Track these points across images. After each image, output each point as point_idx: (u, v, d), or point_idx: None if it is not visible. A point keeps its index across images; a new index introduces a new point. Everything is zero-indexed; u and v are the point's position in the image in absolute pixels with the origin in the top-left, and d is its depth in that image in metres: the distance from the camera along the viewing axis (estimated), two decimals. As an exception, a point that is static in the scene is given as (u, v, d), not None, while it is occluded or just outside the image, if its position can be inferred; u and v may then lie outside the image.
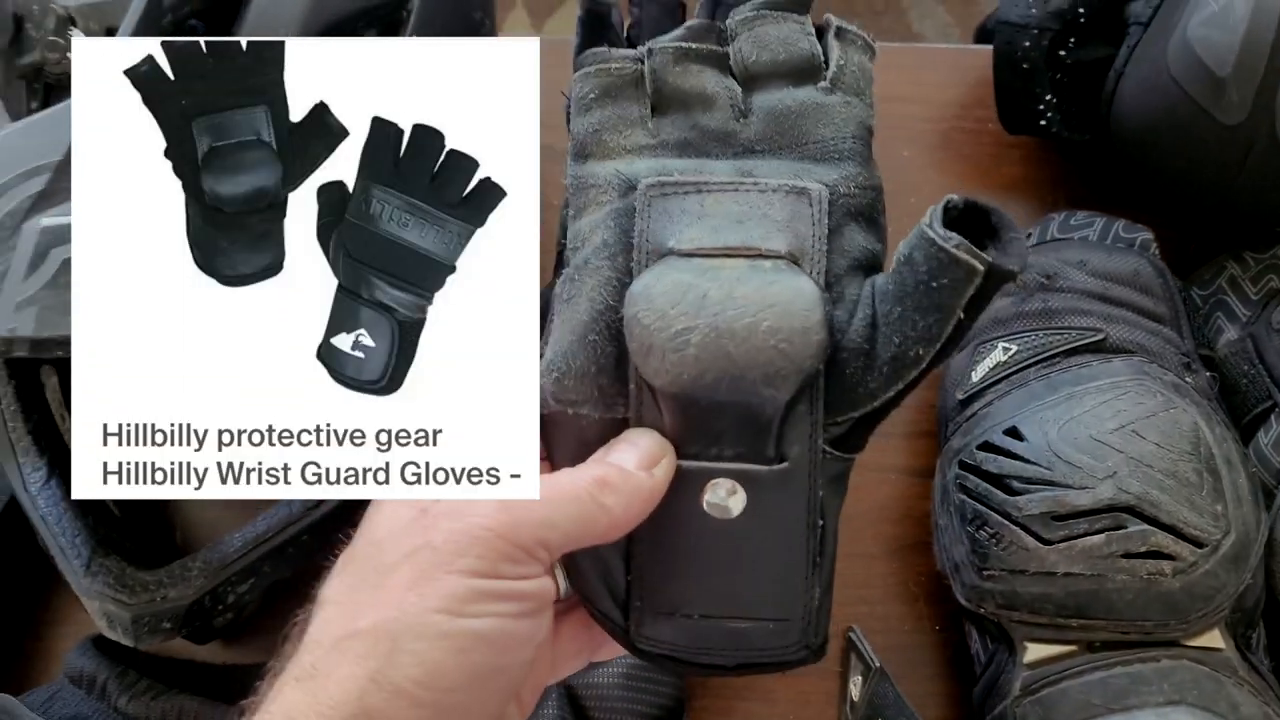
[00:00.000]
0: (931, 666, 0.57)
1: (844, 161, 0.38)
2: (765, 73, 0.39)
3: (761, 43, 0.39)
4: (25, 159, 0.36)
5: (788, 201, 0.37)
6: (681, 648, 0.39)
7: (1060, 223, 0.59)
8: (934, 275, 0.34)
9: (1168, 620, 0.47)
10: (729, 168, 0.38)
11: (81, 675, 0.50)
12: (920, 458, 0.60)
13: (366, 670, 0.30)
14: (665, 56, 0.39)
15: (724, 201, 0.37)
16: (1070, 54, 0.59)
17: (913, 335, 0.35)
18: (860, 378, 0.36)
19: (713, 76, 0.39)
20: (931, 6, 1.64)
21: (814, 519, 0.37)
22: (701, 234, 0.36)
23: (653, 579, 0.38)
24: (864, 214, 0.39)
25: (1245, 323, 0.57)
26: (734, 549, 0.37)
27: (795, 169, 0.38)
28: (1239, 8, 0.51)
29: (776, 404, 0.36)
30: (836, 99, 0.39)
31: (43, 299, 0.34)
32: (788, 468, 0.37)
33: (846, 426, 0.38)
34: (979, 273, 0.34)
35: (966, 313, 0.35)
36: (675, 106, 0.39)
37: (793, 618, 0.38)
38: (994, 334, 0.56)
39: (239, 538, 0.50)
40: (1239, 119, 0.52)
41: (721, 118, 0.39)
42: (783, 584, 0.38)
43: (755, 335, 0.35)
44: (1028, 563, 0.48)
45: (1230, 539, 0.47)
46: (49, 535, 0.50)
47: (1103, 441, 0.48)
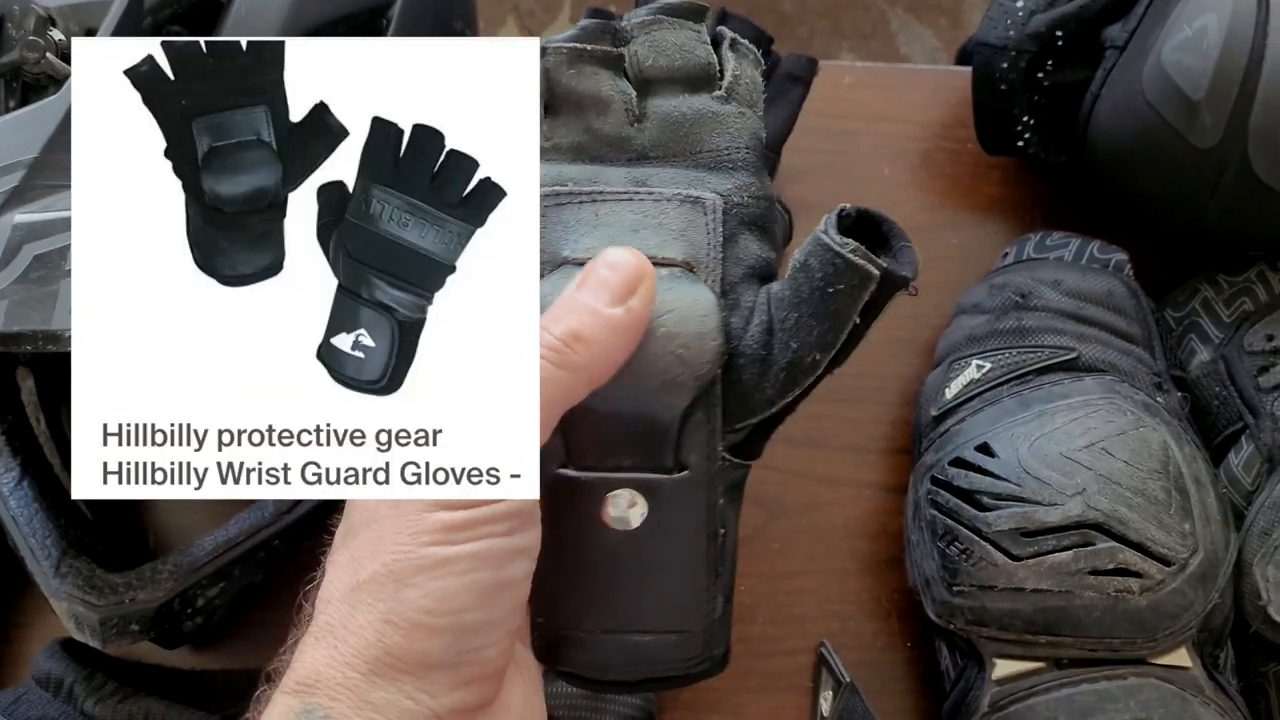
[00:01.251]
0: (903, 682, 0.57)
1: (738, 171, 0.39)
2: (661, 78, 0.39)
3: (659, 48, 0.39)
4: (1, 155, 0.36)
5: (682, 210, 0.37)
6: (585, 664, 0.39)
7: (1036, 242, 0.59)
8: (830, 281, 0.35)
9: (1135, 638, 0.47)
10: (623, 176, 0.38)
11: (49, 678, 0.50)
12: (895, 474, 0.60)
13: (379, 613, 0.31)
14: (560, 57, 0.39)
15: (619, 211, 0.37)
16: (1048, 76, 0.60)
17: (809, 341, 0.36)
18: (757, 384, 0.37)
19: (607, 79, 0.39)
20: (919, 30, 1.65)
21: (715, 528, 0.38)
22: (597, 243, 0.37)
23: (552, 596, 0.38)
24: (757, 223, 0.39)
25: (1218, 345, 0.57)
26: (635, 561, 0.37)
27: (689, 178, 0.38)
28: (1212, 33, 0.52)
29: (674, 411, 0.36)
30: (731, 109, 0.39)
31: (13, 294, 0.34)
32: (687, 476, 0.37)
33: (744, 433, 0.38)
34: (874, 278, 0.34)
35: (862, 318, 0.36)
36: (569, 109, 0.39)
37: (694, 629, 0.38)
38: (968, 351, 0.56)
39: (209, 541, 0.50)
40: (1212, 143, 0.53)
41: (615, 122, 0.39)
42: (684, 595, 0.38)
43: (652, 341, 0.35)
44: (997, 579, 0.48)
45: (1198, 557, 0.48)
46: (19, 536, 0.50)
47: (1072, 459, 0.49)
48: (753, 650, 0.57)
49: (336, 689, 0.30)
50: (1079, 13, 0.58)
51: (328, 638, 0.31)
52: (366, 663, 0.30)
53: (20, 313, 0.34)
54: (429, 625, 0.31)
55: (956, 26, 1.65)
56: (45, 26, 0.38)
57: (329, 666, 0.31)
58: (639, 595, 0.38)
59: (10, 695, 0.50)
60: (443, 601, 0.31)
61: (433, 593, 0.31)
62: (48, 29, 0.39)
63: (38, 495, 0.51)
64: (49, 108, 0.38)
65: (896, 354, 0.62)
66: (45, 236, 0.35)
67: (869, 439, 0.61)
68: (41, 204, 0.36)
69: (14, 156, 0.36)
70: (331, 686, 0.30)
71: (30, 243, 0.35)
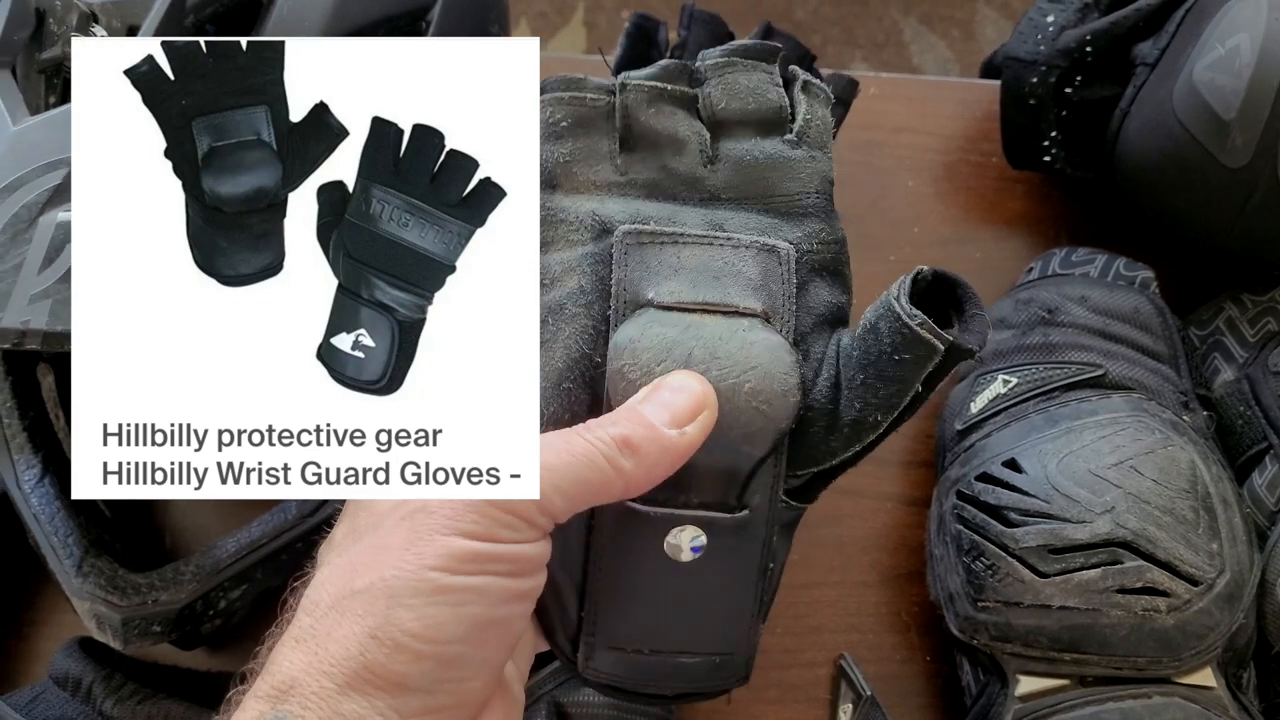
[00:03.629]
0: (922, 697, 0.57)
1: (808, 218, 0.39)
2: (733, 120, 0.40)
3: (732, 90, 0.39)
4: (44, 153, 0.36)
5: (759, 259, 0.38)
6: (627, 679, 0.39)
7: (1062, 258, 0.59)
8: (896, 349, 0.36)
9: (1161, 657, 0.47)
10: (700, 218, 0.39)
11: (67, 677, 0.50)
12: (916, 487, 0.60)
13: (366, 627, 0.30)
14: (640, 94, 0.39)
15: (699, 255, 0.38)
16: (1076, 92, 0.60)
17: (873, 402, 0.37)
18: (823, 437, 0.38)
19: (684, 119, 0.40)
20: (932, 41, 1.66)
21: (765, 563, 0.39)
22: (680, 287, 0.37)
23: (607, 616, 0.38)
24: (828, 268, 0.40)
25: (1242, 364, 0.57)
26: (689, 589, 0.38)
27: (763, 224, 0.39)
28: (1245, 52, 0.52)
29: (752, 460, 0.37)
30: (802, 153, 0.40)
31: (56, 293, 0.34)
32: (748, 516, 0.37)
33: (804, 480, 0.39)
34: (939, 352, 0.35)
35: (924, 386, 0.36)
36: (645, 146, 0.40)
37: (737, 653, 0.39)
38: (994, 366, 0.56)
39: (233, 543, 0.50)
40: (1242, 162, 0.53)
41: (690, 162, 0.39)
42: (732, 623, 0.39)
43: (738, 396, 0.36)
44: (1023, 595, 0.48)
45: (1225, 578, 0.48)
46: (41, 534, 0.49)
47: (1101, 476, 0.48)
48: (771, 661, 0.57)
49: (309, 697, 0.30)
50: (1110, 29, 0.58)
51: (309, 643, 0.31)
52: (344, 674, 0.30)
53: (64, 312, 0.33)
54: (412, 649, 0.30)
55: (969, 38, 1.66)
56: (87, 23, 0.38)
57: (306, 673, 0.30)
58: (689, 621, 0.38)
59: (28, 694, 0.50)
60: (432, 629, 0.31)
61: (424, 618, 0.31)
62: (90, 25, 0.38)
63: (59, 493, 0.51)
64: (91, 105, 0.37)
65: (918, 367, 0.62)
66: (88, 235, 0.35)
67: (890, 452, 0.61)
68: (86, 202, 0.36)
69: (56, 154, 0.36)
70: (305, 694, 0.30)
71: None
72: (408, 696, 0.31)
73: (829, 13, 1.64)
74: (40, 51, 0.39)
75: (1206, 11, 0.56)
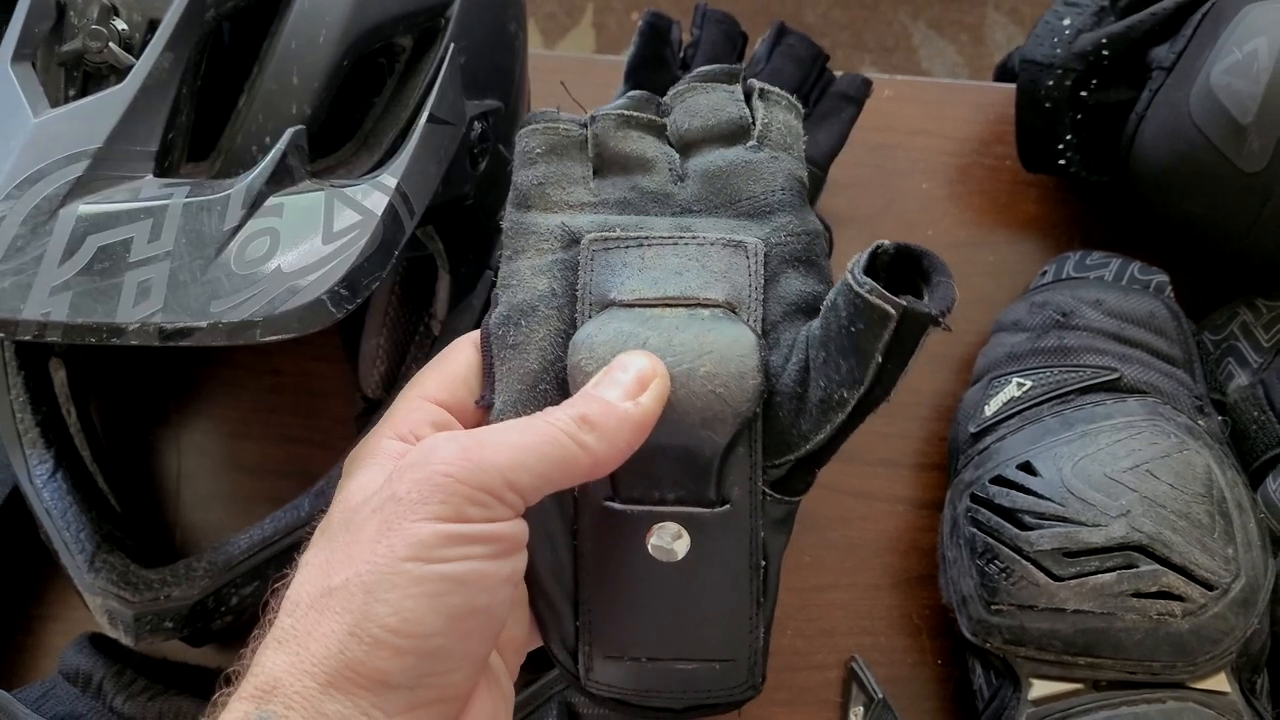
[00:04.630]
0: (933, 700, 0.57)
1: (776, 213, 0.40)
2: (697, 139, 0.41)
3: (692, 111, 0.41)
4: (65, 145, 0.36)
5: (725, 254, 0.39)
6: (631, 691, 0.39)
7: (1076, 262, 0.59)
8: (852, 320, 0.35)
9: (1175, 661, 0.47)
10: (669, 224, 0.40)
11: (77, 673, 0.50)
12: (929, 490, 0.60)
13: (344, 625, 0.30)
14: (608, 123, 0.41)
15: (664, 255, 0.39)
16: (1092, 95, 0.60)
17: (836, 379, 0.36)
18: (793, 420, 0.38)
19: (652, 143, 0.41)
20: (941, 45, 1.66)
21: (757, 560, 0.38)
22: (642, 285, 0.38)
23: (600, 623, 0.38)
24: (800, 259, 0.40)
25: (1256, 369, 0.57)
26: (680, 592, 0.38)
27: (731, 225, 0.40)
28: (1263, 57, 0.52)
29: (715, 446, 0.37)
30: (764, 155, 0.41)
31: (77, 285, 0.34)
32: (729, 510, 0.37)
33: (786, 469, 0.39)
34: (892, 317, 0.34)
35: (887, 357, 0.35)
36: (615, 169, 0.41)
37: (739, 658, 0.39)
38: (1009, 369, 0.56)
39: (245, 539, 0.50)
40: (1259, 167, 0.53)
41: (660, 180, 0.41)
42: (728, 625, 0.39)
43: (693, 380, 0.36)
44: (1037, 598, 0.48)
45: (1240, 582, 0.47)
46: (53, 529, 0.49)
47: (1117, 480, 0.48)
48: (782, 664, 0.57)
49: (293, 697, 0.30)
50: (1126, 32, 0.58)
51: (290, 643, 0.31)
52: (325, 673, 0.30)
53: (85, 304, 0.33)
54: (392, 645, 0.30)
55: (978, 43, 1.66)
56: (108, 16, 0.38)
57: (288, 674, 0.30)
58: (684, 624, 0.38)
59: (38, 689, 0.50)
60: (410, 623, 0.30)
61: (401, 611, 0.30)
62: (110, 18, 0.38)
63: (71, 488, 0.51)
64: (112, 98, 0.37)
65: (930, 369, 0.62)
66: (109, 228, 0.35)
67: (902, 454, 0.61)
68: (105, 195, 0.36)
69: (76, 146, 0.36)
70: (288, 694, 0.30)
71: (94, 234, 0.34)
72: (390, 694, 0.30)
73: (838, 16, 1.64)
74: (61, 44, 0.39)
75: (1223, 16, 0.56)
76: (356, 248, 0.38)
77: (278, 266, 0.36)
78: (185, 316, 0.35)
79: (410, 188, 0.41)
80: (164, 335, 0.34)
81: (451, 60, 0.44)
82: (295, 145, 0.39)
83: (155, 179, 0.38)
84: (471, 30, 0.46)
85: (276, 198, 0.38)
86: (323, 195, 0.39)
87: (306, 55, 0.40)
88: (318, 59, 0.41)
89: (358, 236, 0.38)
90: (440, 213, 0.47)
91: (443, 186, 0.44)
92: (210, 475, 0.60)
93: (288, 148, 0.39)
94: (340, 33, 0.41)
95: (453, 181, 0.46)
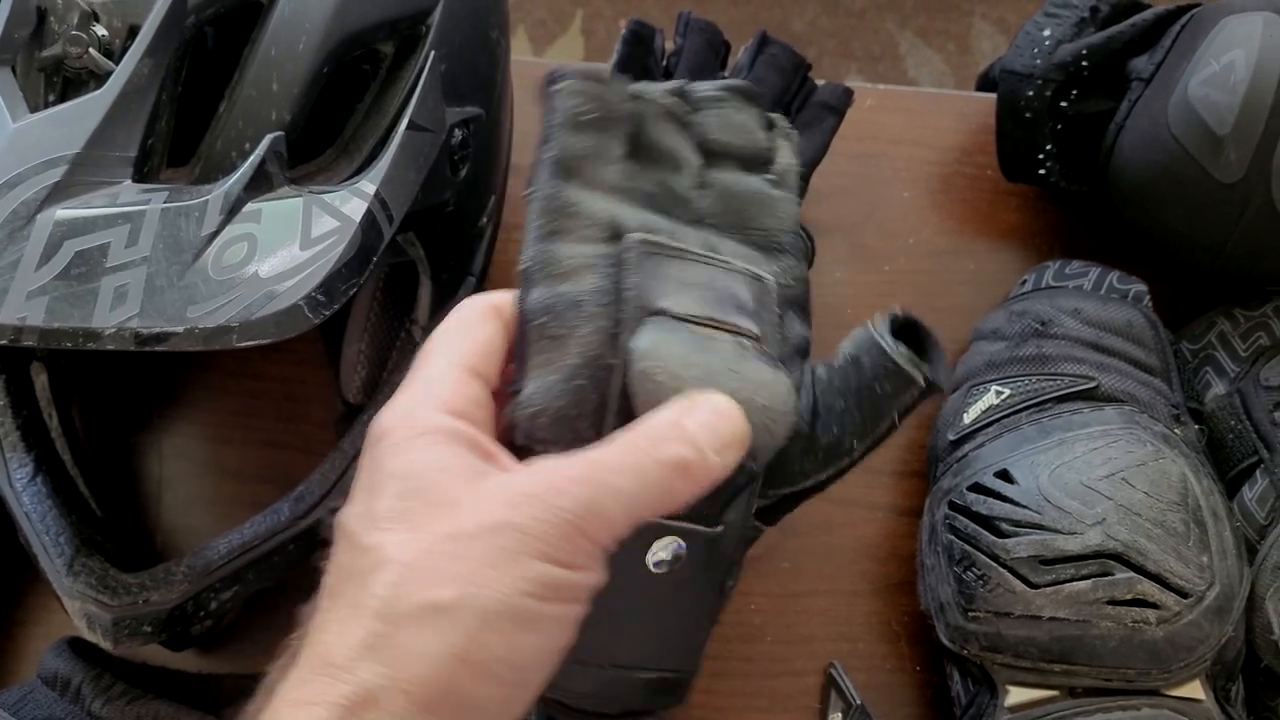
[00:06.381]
0: (911, 706, 0.57)
1: (784, 254, 0.42)
2: (721, 152, 0.42)
3: (727, 124, 0.42)
4: (43, 150, 0.36)
5: (753, 287, 0.39)
6: (574, 692, 0.39)
7: (1055, 271, 0.59)
8: (879, 381, 0.38)
9: (1150, 669, 0.47)
10: (696, 239, 0.40)
11: (56, 677, 0.49)
12: (908, 497, 0.60)
13: (451, 648, 0.29)
14: (655, 109, 0.40)
15: (702, 273, 0.39)
16: (1072, 105, 0.60)
17: (850, 429, 0.39)
18: (799, 458, 0.39)
19: (684, 142, 0.41)
20: (928, 54, 1.66)
21: (725, 581, 0.40)
22: (690, 302, 0.37)
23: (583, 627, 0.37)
24: (799, 303, 0.42)
25: (1233, 378, 0.57)
26: (659, 603, 0.38)
27: (746, 254, 0.41)
28: (1240, 68, 0.52)
29: (752, 475, 0.37)
30: (782, 194, 0.42)
31: (53, 289, 0.34)
32: (722, 531, 0.38)
33: (773, 501, 0.40)
34: (919, 385, 0.38)
35: (899, 417, 0.39)
36: (648, 158, 0.40)
37: (689, 671, 0.40)
38: (987, 377, 0.56)
39: (224, 544, 0.50)
40: (1236, 178, 0.53)
41: (684, 184, 0.41)
42: (690, 639, 0.40)
43: (752, 410, 0.36)
44: (1013, 605, 0.48)
45: (1215, 590, 0.48)
46: (32, 533, 0.49)
47: (1093, 488, 0.49)
48: (761, 670, 0.57)
49: (386, 716, 0.29)
50: (1106, 43, 0.59)
51: (386, 653, 0.29)
52: (425, 696, 0.29)
53: (61, 309, 0.33)
54: (500, 676, 0.30)
55: (964, 52, 1.66)
56: (88, 22, 0.38)
57: (384, 690, 0.29)
58: (656, 634, 0.39)
59: (16, 694, 0.50)
60: (518, 655, 0.30)
61: (514, 645, 0.30)
62: (91, 24, 0.38)
63: (51, 492, 0.50)
64: (92, 103, 0.37)
65: (912, 377, 0.62)
66: (87, 233, 0.35)
67: (882, 461, 0.61)
68: (83, 200, 0.36)
69: (55, 151, 0.36)
70: (383, 712, 0.29)
71: (71, 239, 0.34)
72: None
73: (825, 25, 1.65)
74: (40, 49, 0.39)
75: (1202, 27, 0.56)
76: (334, 254, 0.38)
77: (255, 272, 0.37)
78: (161, 321, 0.35)
79: (389, 194, 0.41)
80: (140, 340, 0.34)
81: (432, 67, 0.45)
82: (274, 151, 0.39)
83: (134, 184, 0.38)
84: (453, 37, 0.46)
85: (255, 204, 0.38)
86: (301, 201, 0.39)
87: (287, 62, 0.41)
88: (298, 66, 0.41)
89: (335, 243, 0.38)
90: (420, 219, 0.47)
91: (422, 193, 0.44)
92: (191, 479, 0.60)
93: (266, 154, 0.39)
94: (320, 40, 0.41)
95: (433, 188, 0.46)
